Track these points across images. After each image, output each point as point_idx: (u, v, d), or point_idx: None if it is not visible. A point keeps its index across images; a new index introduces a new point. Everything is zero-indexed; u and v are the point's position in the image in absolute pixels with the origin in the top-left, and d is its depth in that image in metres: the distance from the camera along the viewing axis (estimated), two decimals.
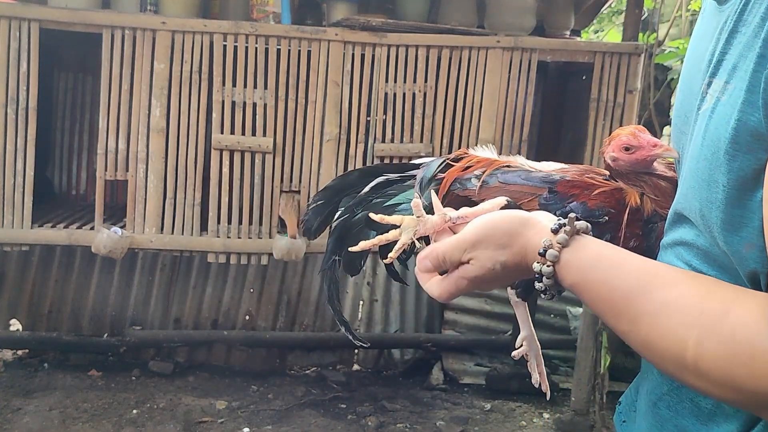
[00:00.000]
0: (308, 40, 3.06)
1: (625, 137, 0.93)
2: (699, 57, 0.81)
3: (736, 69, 0.70)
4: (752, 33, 0.69)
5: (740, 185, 0.69)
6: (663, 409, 0.86)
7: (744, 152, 0.68)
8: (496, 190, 0.97)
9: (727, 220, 0.71)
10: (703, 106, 0.76)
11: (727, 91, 0.70)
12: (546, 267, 0.79)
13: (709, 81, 0.75)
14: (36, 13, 2.93)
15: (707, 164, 0.72)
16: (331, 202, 1.13)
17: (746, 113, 0.67)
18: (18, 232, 3.02)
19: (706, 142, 0.73)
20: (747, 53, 0.69)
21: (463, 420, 3.51)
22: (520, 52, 3.18)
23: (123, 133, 3.04)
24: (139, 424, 3.26)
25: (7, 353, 3.86)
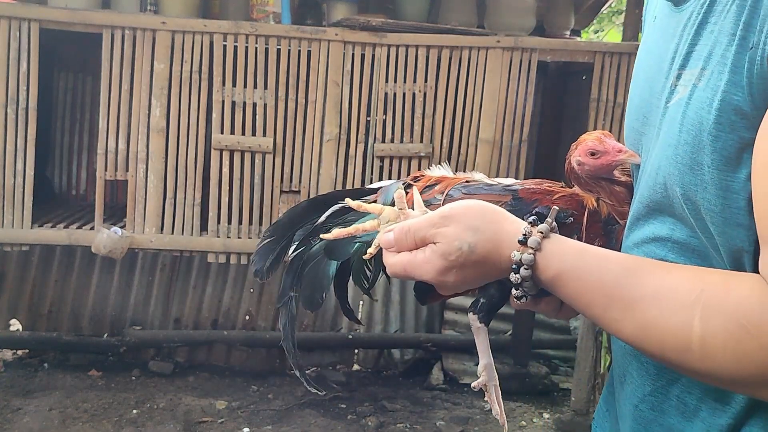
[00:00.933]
0: (308, 40, 3.06)
1: (591, 142, 0.94)
2: (659, 58, 0.84)
3: (712, 55, 0.73)
4: (729, 20, 0.72)
5: (724, 165, 0.71)
6: (646, 411, 0.85)
7: (727, 132, 0.70)
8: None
9: (713, 201, 0.72)
10: (674, 97, 0.78)
11: (704, 76, 0.73)
12: (527, 255, 0.77)
13: (678, 74, 0.78)
14: (36, 13, 2.93)
15: (689, 148, 0.74)
16: (283, 237, 1.06)
17: (730, 93, 0.69)
18: (18, 232, 3.02)
19: (685, 128, 0.74)
20: (722, 39, 0.72)
21: (463, 420, 3.51)
22: (520, 52, 3.18)
23: (123, 133, 3.04)
24: (139, 424, 3.26)
25: (7, 353, 3.86)
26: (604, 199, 0.95)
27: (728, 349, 0.66)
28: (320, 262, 1.02)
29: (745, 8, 0.70)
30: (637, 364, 0.86)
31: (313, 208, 1.06)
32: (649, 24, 0.93)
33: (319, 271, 1.02)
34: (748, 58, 0.68)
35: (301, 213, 1.07)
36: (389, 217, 0.89)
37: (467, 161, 3.24)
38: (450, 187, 1.00)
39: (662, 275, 0.73)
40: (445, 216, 0.81)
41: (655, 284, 0.72)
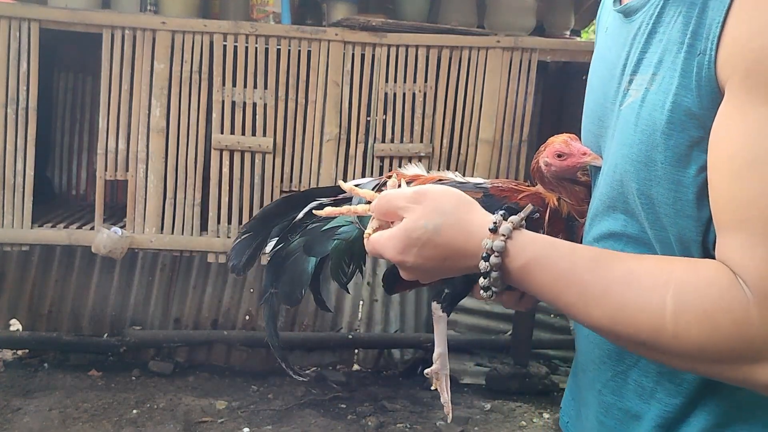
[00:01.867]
0: (308, 40, 3.06)
1: (558, 145, 0.99)
2: (611, 65, 0.90)
3: (663, 61, 0.79)
4: (676, 30, 0.78)
5: (676, 161, 0.77)
6: (607, 396, 0.89)
7: (678, 131, 0.76)
8: None
9: (666, 194, 0.78)
10: (627, 100, 0.83)
11: (656, 81, 0.79)
12: (498, 241, 0.78)
13: (630, 79, 0.84)
14: (36, 13, 2.93)
15: (643, 147, 0.79)
16: (260, 233, 1.07)
17: (680, 95, 0.75)
18: (18, 232, 3.02)
19: (640, 128, 0.80)
20: (671, 47, 0.78)
21: (463, 420, 3.51)
22: (520, 52, 3.18)
23: (123, 133, 3.04)
24: (139, 424, 3.26)
25: (7, 353, 3.86)
26: (565, 199, 1.00)
27: (702, 325, 0.69)
28: (299, 259, 1.03)
29: (692, 19, 0.76)
30: (598, 351, 0.90)
31: (290, 205, 1.07)
32: (602, 34, 1.00)
33: (298, 268, 1.03)
34: (696, 64, 0.74)
35: (278, 209, 1.08)
36: None
37: (467, 161, 3.24)
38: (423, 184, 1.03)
39: (632, 261, 0.76)
40: (419, 193, 0.83)
41: (625, 269, 0.75)
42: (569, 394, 1.05)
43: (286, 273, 1.04)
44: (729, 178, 0.71)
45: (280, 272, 1.04)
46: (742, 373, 0.69)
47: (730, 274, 0.69)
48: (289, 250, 1.04)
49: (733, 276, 0.69)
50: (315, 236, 1.02)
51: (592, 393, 0.92)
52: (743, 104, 0.70)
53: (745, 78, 0.70)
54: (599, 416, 0.90)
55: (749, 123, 0.69)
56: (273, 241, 1.06)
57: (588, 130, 0.98)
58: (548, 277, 0.78)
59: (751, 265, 0.68)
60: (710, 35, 0.73)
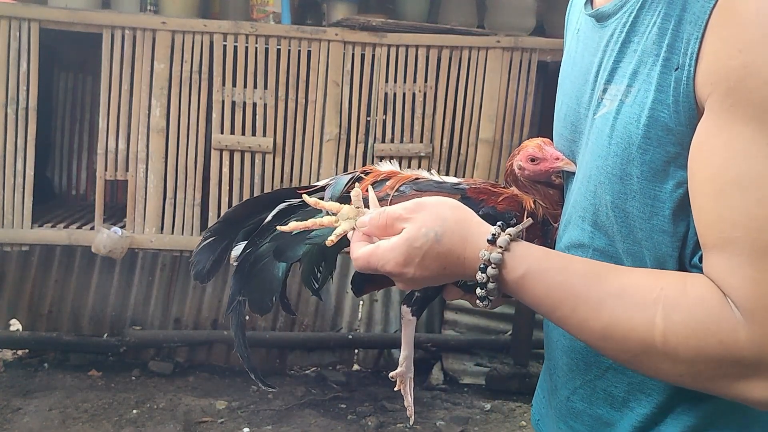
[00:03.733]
0: (308, 40, 3.06)
1: (531, 149, 0.99)
2: (584, 70, 0.89)
3: (638, 73, 0.78)
4: (651, 41, 0.77)
5: (652, 176, 0.76)
6: (577, 402, 0.90)
7: (655, 146, 0.75)
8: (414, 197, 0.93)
9: (641, 209, 0.78)
10: (601, 110, 0.83)
11: (631, 93, 0.78)
12: (496, 253, 0.77)
13: (604, 87, 0.83)
14: (36, 13, 2.93)
15: (618, 160, 0.78)
16: (225, 237, 1.01)
17: (657, 110, 0.75)
18: (18, 232, 3.02)
19: (614, 141, 0.79)
20: (646, 59, 0.77)
21: (463, 420, 3.51)
22: (520, 52, 3.18)
23: (123, 133, 3.04)
24: (139, 424, 3.26)
25: (7, 353, 3.86)
26: (540, 202, 1.00)
27: (690, 344, 0.69)
28: (268, 264, 0.99)
29: (668, 31, 0.75)
30: (566, 359, 0.91)
31: (257, 207, 1.02)
32: (572, 36, 0.98)
33: (267, 273, 0.99)
34: (674, 79, 0.73)
35: (245, 211, 1.03)
36: (348, 215, 0.89)
37: (467, 161, 3.24)
38: (400, 182, 1.01)
39: (625, 275, 0.76)
40: (418, 204, 0.82)
41: (618, 284, 0.74)
42: (540, 393, 1.05)
43: (255, 279, 0.99)
44: (712, 199, 0.70)
45: (249, 278, 1.00)
46: (731, 389, 0.70)
47: (719, 293, 0.69)
48: (258, 254, 0.99)
49: (722, 295, 0.69)
50: (285, 241, 0.98)
51: (560, 398, 0.93)
52: (725, 123, 0.69)
53: (725, 96, 0.69)
54: (569, 420, 0.91)
55: (731, 142, 0.68)
56: (240, 246, 1.00)
57: (561, 135, 0.98)
58: (543, 289, 0.77)
59: (738, 285, 0.68)
60: (688, 50, 0.72)
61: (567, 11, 1.09)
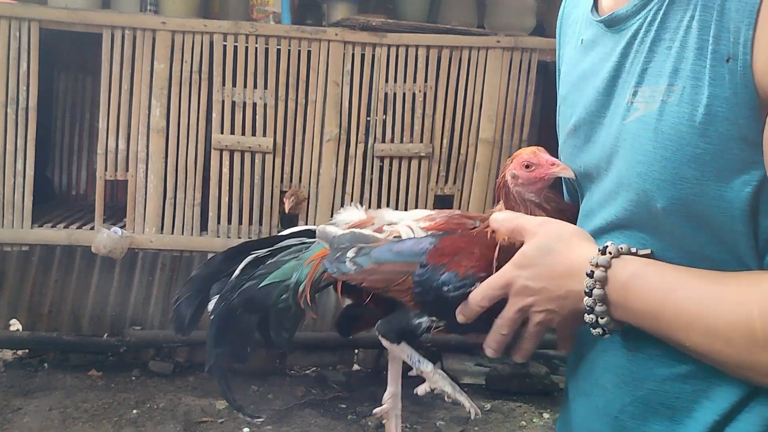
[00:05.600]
0: (308, 40, 3.06)
1: (526, 155, 0.95)
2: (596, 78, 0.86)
3: (679, 70, 0.74)
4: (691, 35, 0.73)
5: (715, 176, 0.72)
6: (627, 420, 0.86)
7: (715, 144, 0.71)
8: (372, 272, 0.95)
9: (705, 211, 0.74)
10: (633, 114, 0.79)
11: (675, 92, 0.74)
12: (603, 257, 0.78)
13: (634, 91, 0.79)
14: (36, 13, 2.93)
15: (668, 164, 0.74)
16: (201, 291, 1.05)
17: (714, 106, 0.70)
18: (18, 232, 3.02)
19: (661, 144, 0.75)
20: (687, 54, 0.73)
21: (463, 420, 3.51)
22: (520, 52, 3.18)
23: (123, 133, 3.04)
24: (139, 424, 3.26)
25: (7, 353, 3.86)
26: None
27: None
28: (242, 318, 1.02)
29: (711, 23, 0.71)
30: (612, 377, 0.87)
31: (228, 260, 1.05)
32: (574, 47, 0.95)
33: (242, 325, 1.02)
34: (728, 71, 0.70)
35: (217, 266, 1.06)
36: None
37: (467, 161, 3.24)
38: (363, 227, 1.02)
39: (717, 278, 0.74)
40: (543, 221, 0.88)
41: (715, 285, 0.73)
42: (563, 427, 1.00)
43: (230, 331, 1.02)
44: None
45: (224, 331, 1.02)
46: None
47: None
48: (231, 308, 1.01)
49: None
50: (253, 294, 1.00)
51: (604, 419, 0.89)
52: None
53: None
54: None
55: None
56: (214, 300, 1.03)
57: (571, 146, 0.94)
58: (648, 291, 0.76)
59: None
60: (740, 39, 0.69)
61: (558, 23, 1.05)
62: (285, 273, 1.01)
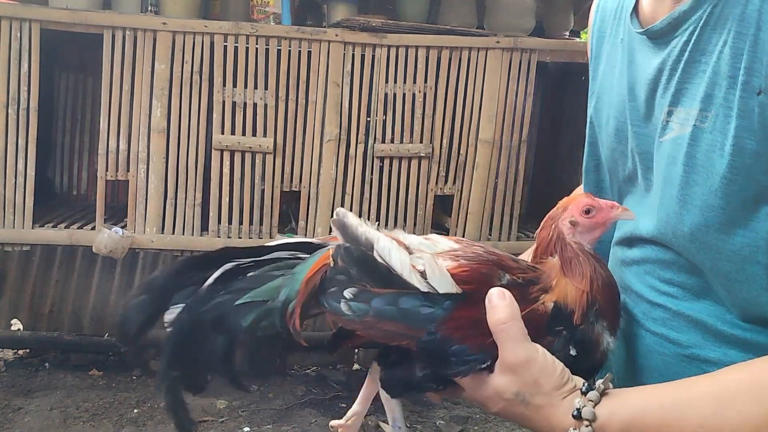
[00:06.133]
0: (308, 40, 3.07)
1: (584, 199, 0.84)
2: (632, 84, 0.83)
3: (712, 97, 0.72)
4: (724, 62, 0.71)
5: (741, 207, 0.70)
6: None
7: (743, 176, 0.69)
8: (370, 325, 0.81)
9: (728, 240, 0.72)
10: (668, 134, 0.77)
11: (709, 119, 0.72)
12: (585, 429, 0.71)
13: (669, 110, 0.77)
14: (37, 14, 2.94)
15: (698, 189, 0.73)
16: (159, 299, 0.87)
17: (742, 138, 0.69)
18: (19, 232, 3.03)
19: (693, 170, 0.74)
20: (721, 81, 0.71)
21: (462, 419, 3.52)
22: (519, 53, 3.19)
23: (124, 133, 3.05)
24: (139, 423, 3.26)
25: (8, 353, 3.87)
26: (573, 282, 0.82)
27: None
28: (207, 338, 0.84)
29: (744, 52, 0.69)
30: None
31: (197, 266, 0.87)
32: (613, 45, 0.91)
33: (205, 348, 0.84)
34: (758, 104, 0.68)
35: (184, 271, 0.87)
36: None
37: (467, 161, 3.25)
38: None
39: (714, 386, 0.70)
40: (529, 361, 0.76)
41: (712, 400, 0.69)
42: None
43: (191, 353, 0.85)
44: None
45: (183, 351, 0.85)
46: None
47: None
48: (196, 323, 0.84)
49: None
50: (226, 310, 0.83)
51: None
52: None
53: None
54: None
55: None
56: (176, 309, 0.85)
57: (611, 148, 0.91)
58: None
59: None
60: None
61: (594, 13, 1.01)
62: (270, 292, 0.84)
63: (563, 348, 0.80)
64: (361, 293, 0.81)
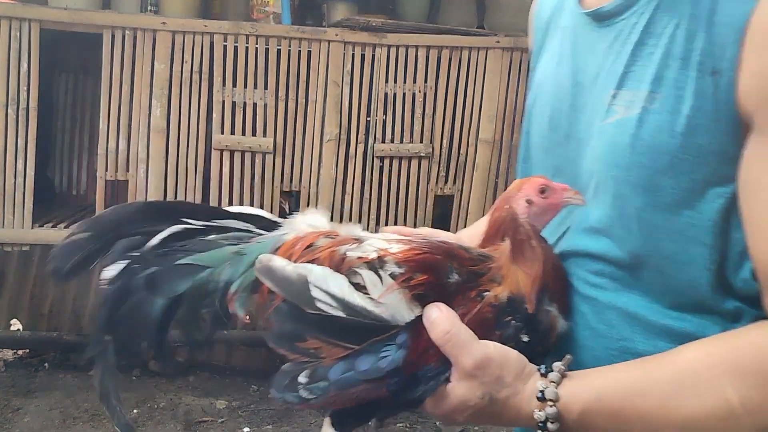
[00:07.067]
0: (308, 40, 3.07)
1: (540, 178, 0.84)
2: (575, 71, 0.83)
3: (663, 78, 0.72)
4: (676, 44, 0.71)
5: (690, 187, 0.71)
6: None
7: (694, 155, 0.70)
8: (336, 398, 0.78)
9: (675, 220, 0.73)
10: (611, 117, 0.77)
11: (657, 100, 0.72)
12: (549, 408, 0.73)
13: (614, 93, 0.77)
14: (36, 14, 2.93)
15: (645, 170, 0.73)
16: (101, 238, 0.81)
17: (695, 118, 0.70)
18: (18, 232, 3.02)
19: (639, 150, 0.74)
20: (672, 63, 0.72)
21: None
22: (520, 52, 3.18)
23: (123, 133, 3.04)
24: (139, 423, 3.26)
25: (7, 353, 3.87)
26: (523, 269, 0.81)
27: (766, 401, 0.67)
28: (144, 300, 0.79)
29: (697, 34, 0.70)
30: None
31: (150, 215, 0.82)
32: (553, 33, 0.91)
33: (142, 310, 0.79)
34: (712, 84, 0.69)
35: (133, 217, 0.83)
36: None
37: (467, 161, 3.24)
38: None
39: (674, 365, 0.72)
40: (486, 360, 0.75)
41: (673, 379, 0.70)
42: None
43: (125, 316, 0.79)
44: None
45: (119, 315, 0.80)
46: None
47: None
48: (132, 284, 0.79)
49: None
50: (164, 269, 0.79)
51: None
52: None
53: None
54: None
55: None
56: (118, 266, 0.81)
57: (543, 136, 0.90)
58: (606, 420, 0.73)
59: None
60: (725, 55, 0.68)
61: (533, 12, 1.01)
62: (214, 259, 0.79)
63: (515, 336, 0.79)
64: (314, 372, 0.76)
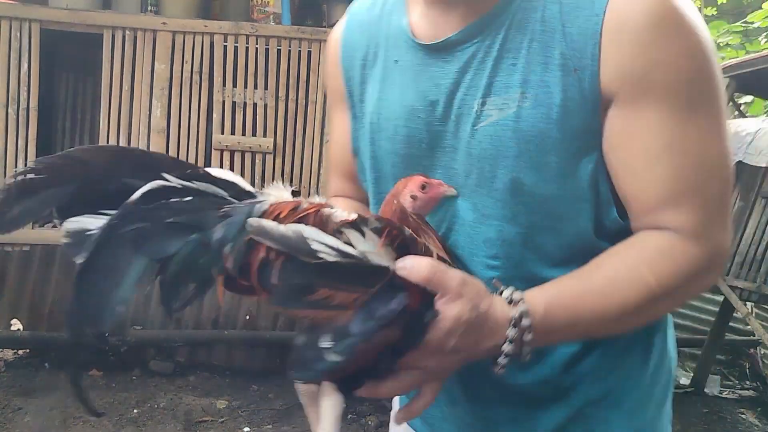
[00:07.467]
0: (308, 40, 3.07)
1: (420, 176, 0.94)
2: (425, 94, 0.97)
3: (529, 81, 0.89)
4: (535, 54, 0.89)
5: (570, 158, 0.89)
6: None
7: (571, 133, 0.88)
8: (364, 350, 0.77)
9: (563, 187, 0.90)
10: (484, 120, 0.92)
11: (528, 98, 0.89)
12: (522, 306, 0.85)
13: (482, 101, 0.92)
14: (37, 14, 2.94)
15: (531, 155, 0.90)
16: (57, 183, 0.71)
17: (567, 106, 0.87)
18: (19, 233, 3.03)
19: (524, 139, 0.90)
20: (534, 67, 0.89)
21: None
22: None
23: (124, 133, 3.05)
24: (139, 423, 3.26)
25: (8, 353, 3.87)
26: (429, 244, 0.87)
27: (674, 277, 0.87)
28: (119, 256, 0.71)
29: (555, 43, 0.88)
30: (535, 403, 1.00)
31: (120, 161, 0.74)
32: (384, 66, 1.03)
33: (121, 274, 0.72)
34: (577, 79, 0.87)
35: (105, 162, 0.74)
36: None
37: None
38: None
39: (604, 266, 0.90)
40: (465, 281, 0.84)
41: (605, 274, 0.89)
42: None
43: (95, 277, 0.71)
44: (648, 167, 0.87)
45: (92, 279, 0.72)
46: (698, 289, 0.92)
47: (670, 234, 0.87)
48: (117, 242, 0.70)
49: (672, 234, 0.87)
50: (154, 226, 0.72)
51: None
52: (638, 110, 0.85)
53: (634, 89, 0.85)
54: None
55: (649, 122, 0.85)
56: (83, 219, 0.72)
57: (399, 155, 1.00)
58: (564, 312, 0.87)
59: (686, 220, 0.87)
60: (587, 54, 0.86)
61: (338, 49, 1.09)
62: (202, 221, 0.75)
63: None
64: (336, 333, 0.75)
